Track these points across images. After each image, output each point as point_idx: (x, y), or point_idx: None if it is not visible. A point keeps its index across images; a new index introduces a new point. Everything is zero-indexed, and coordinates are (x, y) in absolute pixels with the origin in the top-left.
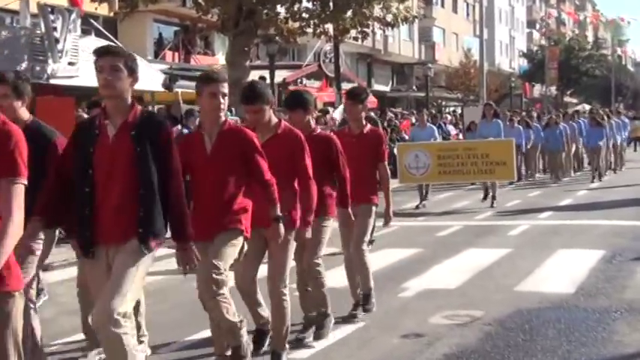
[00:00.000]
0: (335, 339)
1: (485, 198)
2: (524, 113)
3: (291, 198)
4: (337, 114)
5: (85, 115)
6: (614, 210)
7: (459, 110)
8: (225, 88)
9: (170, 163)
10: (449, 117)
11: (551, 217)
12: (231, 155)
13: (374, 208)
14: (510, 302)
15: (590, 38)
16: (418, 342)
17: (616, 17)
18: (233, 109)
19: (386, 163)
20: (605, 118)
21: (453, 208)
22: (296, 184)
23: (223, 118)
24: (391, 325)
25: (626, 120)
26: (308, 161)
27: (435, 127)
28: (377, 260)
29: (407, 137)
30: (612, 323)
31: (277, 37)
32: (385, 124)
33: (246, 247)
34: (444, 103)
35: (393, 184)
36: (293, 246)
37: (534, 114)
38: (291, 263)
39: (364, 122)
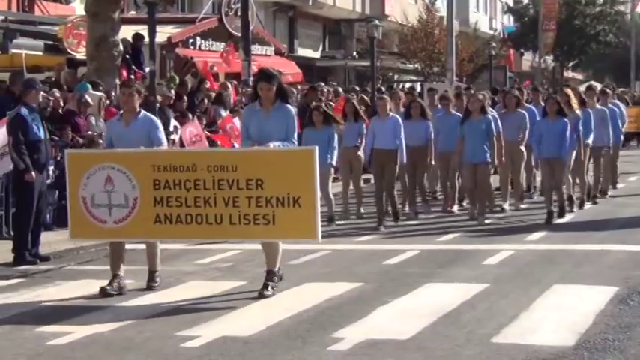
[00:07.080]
0: None
1: (263, 290)
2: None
3: None
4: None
5: None
6: (632, 230)
7: (418, 87)
8: None
9: None
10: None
11: (544, 240)
12: None
13: None
14: (487, 359)
15: None
16: None
17: None
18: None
19: None
20: (594, 99)
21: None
22: None
23: None
24: None
25: (621, 105)
26: None
27: (153, 118)
28: (298, 299)
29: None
30: None
31: None
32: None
33: None
34: (396, 76)
35: (63, 237)
36: None
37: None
38: None
39: None
